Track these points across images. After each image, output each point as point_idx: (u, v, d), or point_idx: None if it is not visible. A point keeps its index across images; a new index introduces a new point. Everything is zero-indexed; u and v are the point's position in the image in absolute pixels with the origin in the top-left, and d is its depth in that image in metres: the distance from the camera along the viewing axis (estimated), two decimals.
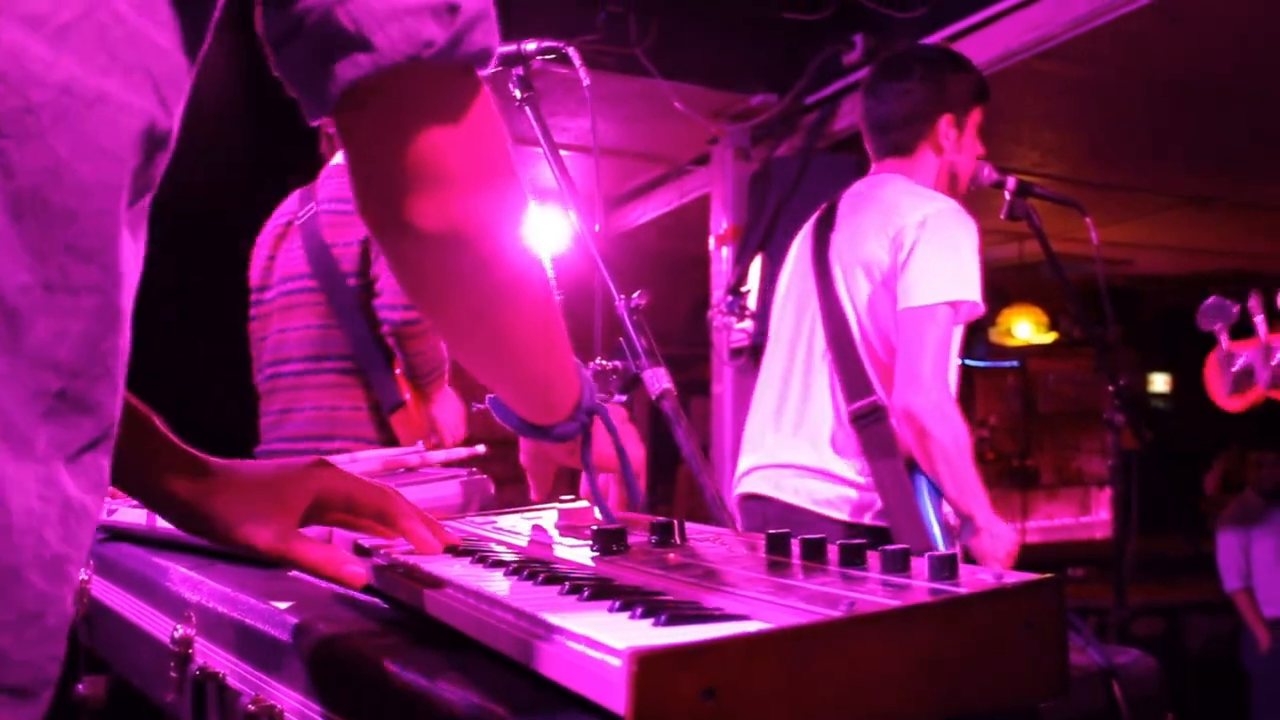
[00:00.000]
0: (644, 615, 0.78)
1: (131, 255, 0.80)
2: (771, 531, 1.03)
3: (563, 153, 1.78)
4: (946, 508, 2.67)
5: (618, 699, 0.66)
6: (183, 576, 1.44)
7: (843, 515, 2.71)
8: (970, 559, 2.62)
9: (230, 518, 1.11)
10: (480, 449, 1.91)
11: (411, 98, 0.90)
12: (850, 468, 2.72)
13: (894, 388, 2.64)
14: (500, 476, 1.79)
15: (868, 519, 2.70)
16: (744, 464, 2.95)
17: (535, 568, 0.97)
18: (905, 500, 2.63)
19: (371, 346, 3.11)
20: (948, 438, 2.56)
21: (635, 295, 1.64)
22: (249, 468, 1.15)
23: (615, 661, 0.67)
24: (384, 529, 1.17)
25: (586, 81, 1.77)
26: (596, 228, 1.67)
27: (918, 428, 2.58)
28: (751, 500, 2.86)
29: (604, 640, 0.70)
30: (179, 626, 1.35)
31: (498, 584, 0.94)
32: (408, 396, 3.15)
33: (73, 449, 0.75)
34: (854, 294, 2.77)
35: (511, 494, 1.77)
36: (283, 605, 1.14)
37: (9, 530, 0.70)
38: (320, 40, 0.87)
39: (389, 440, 3.11)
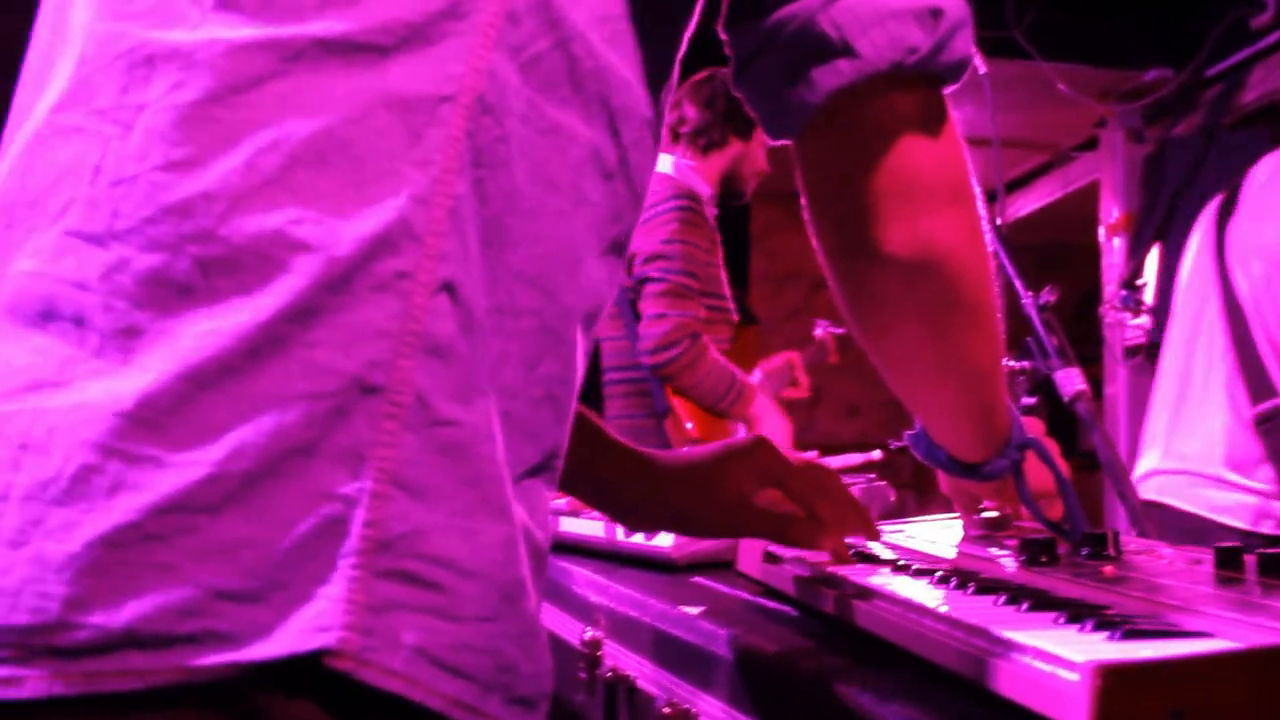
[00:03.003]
0: (1096, 629, 0.73)
1: (592, 284, 0.82)
2: (1220, 545, 0.96)
3: None
4: None
5: (1076, 716, 0.63)
6: (588, 580, 1.47)
7: (1241, 523, 2.51)
8: None
9: (681, 503, 1.13)
10: (877, 454, 1.86)
11: (889, 109, 0.87)
12: (1251, 474, 2.51)
13: None
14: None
15: (1267, 528, 2.48)
16: (1141, 468, 2.78)
17: (964, 578, 0.92)
18: None
19: None
20: None
21: (1044, 292, 1.54)
22: (692, 454, 1.16)
23: (1073, 676, 0.64)
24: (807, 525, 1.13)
25: (984, 70, 1.69)
26: (998, 222, 1.59)
27: None
28: (1148, 507, 2.70)
29: (1059, 654, 0.67)
30: (588, 629, 1.38)
31: (926, 594, 0.89)
32: (674, 402, 3.23)
33: (516, 472, 0.76)
34: (1254, 285, 2.53)
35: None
36: (693, 610, 1.14)
37: (515, 545, 0.73)
38: (798, 51, 0.85)
39: (661, 446, 3.18)
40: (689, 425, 3.19)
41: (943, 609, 0.83)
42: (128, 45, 0.71)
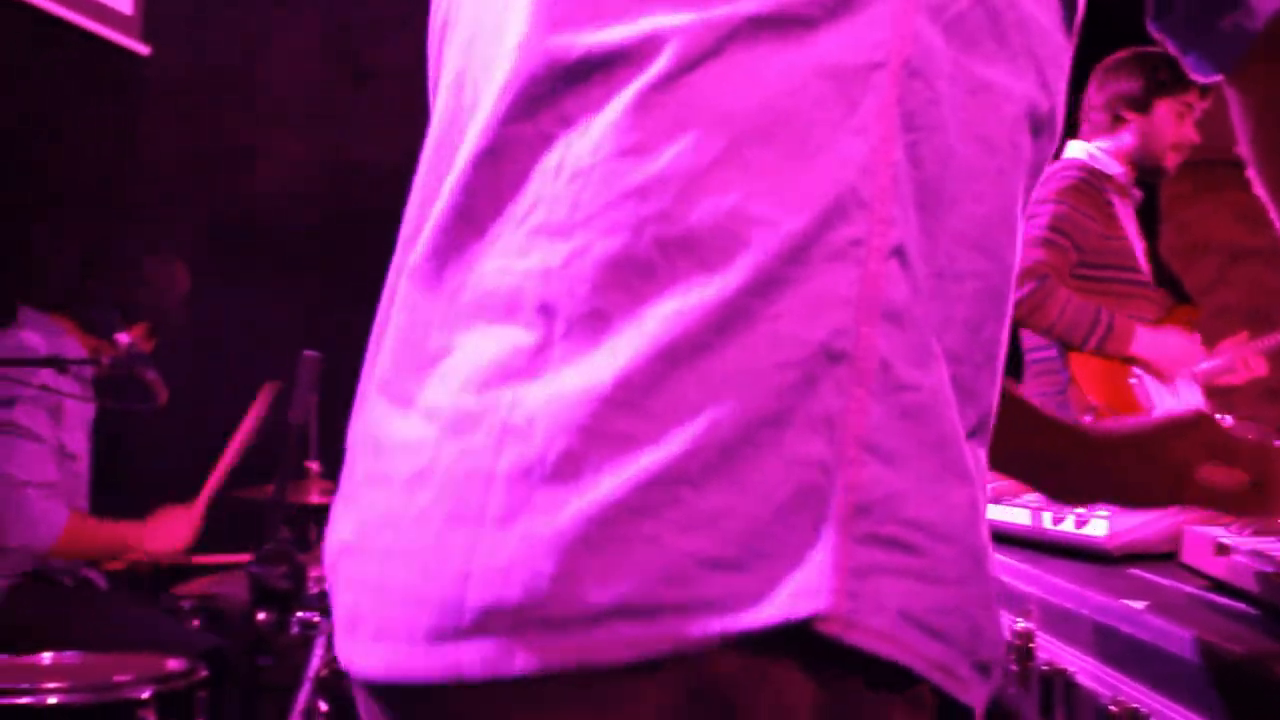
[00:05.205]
0: None
1: (1019, 242, 0.80)
2: None
3: None
4: None
5: None
6: (1015, 569, 1.43)
7: None
8: None
9: (1121, 472, 1.07)
10: None
11: None
12: None
13: None
14: None
15: None
16: None
17: None
18: None
19: None
20: None
21: None
22: (1130, 424, 1.11)
23: None
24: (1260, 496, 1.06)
25: None
26: None
27: None
28: None
29: None
30: (1019, 619, 1.33)
31: None
32: (1075, 372, 3.10)
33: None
34: None
35: None
36: (1137, 604, 1.08)
37: (978, 507, 0.73)
38: None
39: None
40: (1091, 400, 3.04)
41: None
42: (577, 54, 0.74)
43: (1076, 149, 3.31)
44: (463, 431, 0.71)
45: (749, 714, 0.67)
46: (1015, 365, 3.37)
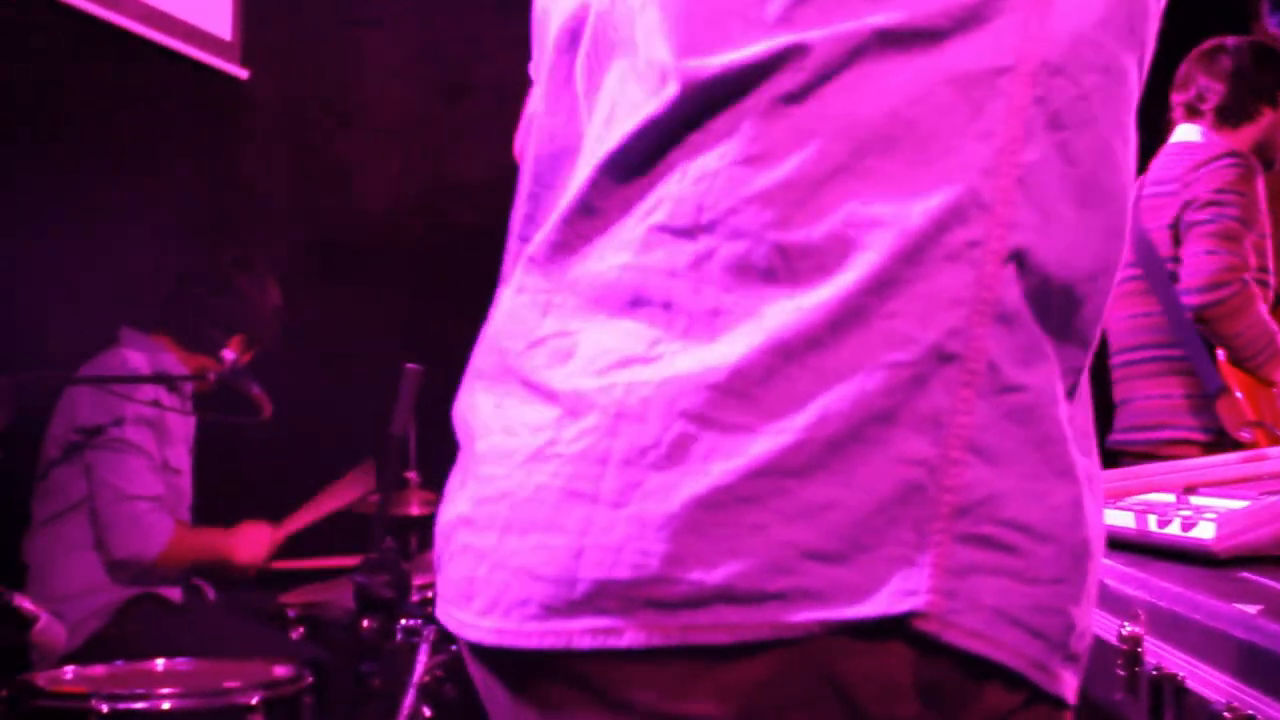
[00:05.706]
0: None
1: None
2: None
3: None
4: None
5: None
6: (1119, 573, 1.41)
7: None
8: None
9: None
10: None
11: None
12: None
13: None
14: None
15: None
16: None
17: None
18: None
19: (1192, 331, 2.98)
20: None
21: None
22: None
23: None
24: None
25: None
26: None
27: None
28: None
29: None
30: (1126, 624, 1.32)
31: None
32: (1229, 381, 2.94)
33: (1085, 427, 0.79)
34: None
35: None
36: (1250, 609, 1.06)
37: (1081, 505, 0.74)
38: None
39: (1212, 428, 2.97)
40: (1250, 414, 2.90)
41: None
42: (710, 74, 0.75)
43: (1192, 133, 3.15)
44: (580, 414, 0.74)
45: (849, 681, 0.69)
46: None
